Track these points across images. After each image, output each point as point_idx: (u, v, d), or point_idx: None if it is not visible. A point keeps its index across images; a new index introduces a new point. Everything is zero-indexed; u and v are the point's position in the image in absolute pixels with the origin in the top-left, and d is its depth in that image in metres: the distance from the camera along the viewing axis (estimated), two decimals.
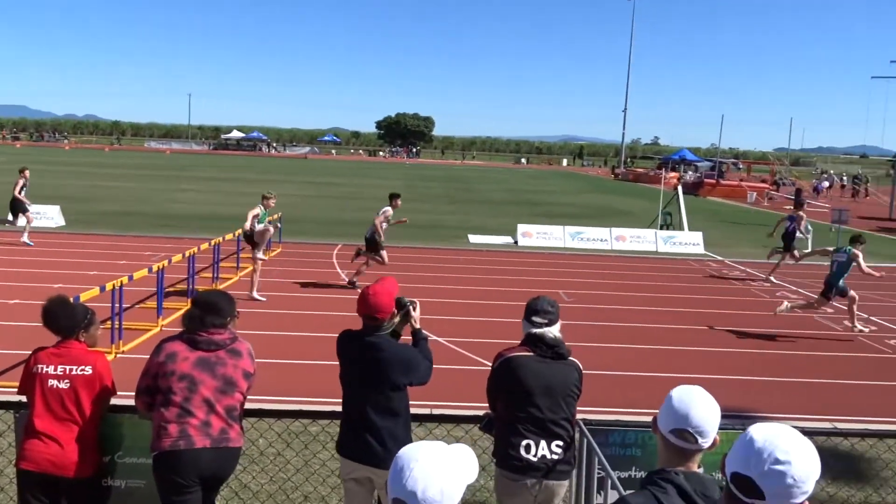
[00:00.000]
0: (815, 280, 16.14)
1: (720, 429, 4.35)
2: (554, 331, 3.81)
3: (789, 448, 1.75)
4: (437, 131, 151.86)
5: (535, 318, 3.80)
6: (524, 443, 3.71)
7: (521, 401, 3.74)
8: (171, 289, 11.58)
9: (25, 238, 16.17)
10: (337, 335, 4.08)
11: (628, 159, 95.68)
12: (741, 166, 66.59)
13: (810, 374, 9.22)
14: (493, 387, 3.90)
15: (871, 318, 12.61)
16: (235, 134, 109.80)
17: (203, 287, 10.86)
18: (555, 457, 3.73)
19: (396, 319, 3.99)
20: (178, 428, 3.61)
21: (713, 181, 49.63)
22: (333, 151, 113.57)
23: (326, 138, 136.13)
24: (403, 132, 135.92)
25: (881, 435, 4.64)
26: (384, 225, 13.33)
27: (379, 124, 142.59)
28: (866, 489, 5.94)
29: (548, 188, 50.03)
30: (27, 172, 16.66)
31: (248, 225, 11.88)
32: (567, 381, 3.79)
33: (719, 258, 19.27)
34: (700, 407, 2.30)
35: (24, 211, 16.36)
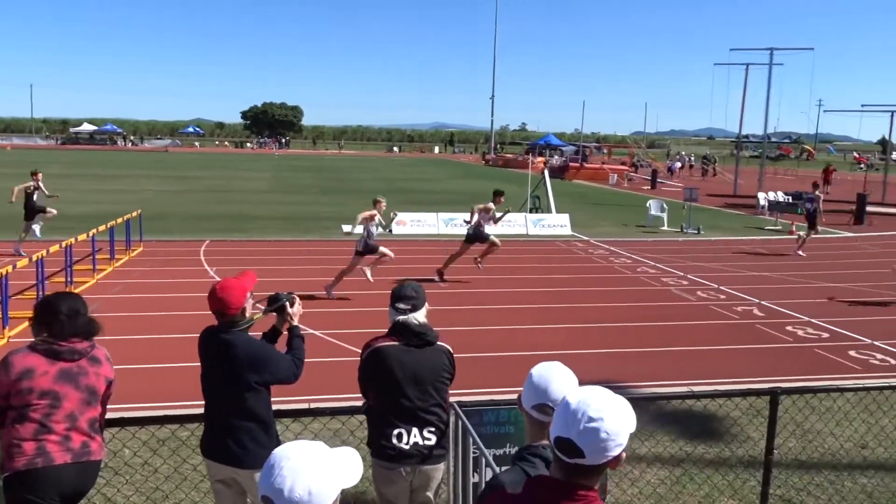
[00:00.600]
0: (671, 255, 17.26)
1: None
2: (419, 317, 3.83)
3: (600, 406, 1.88)
4: (307, 121, 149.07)
5: (399, 305, 3.82)
6: (396, 432, 3.73)
7: (390, 391, 3.76)
8: (18, 297, 10.71)
9: (20, 249, 15.21)
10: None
11: (498, 145, 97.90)
12: (606, 151, 69.93)
13: (668, 342, 9.85)
14: (362, 378, 3.89)
15: (721, 287, 13.62)
16: (86, 127, 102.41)
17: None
18: (428, 443, 3.78)
19: (258, 315, 3.89)
20: (34, 445, 3.35)
21: (577, 165, 51.73)
22: (197, 144, 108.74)
23: (189, 130, 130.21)
24: (271, 122, 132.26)
25: (730, 394, 5.04)
26: (486, 218, 13.94)
27: (245, 115, 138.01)
28: (719, 445, 6.44)
29: (421, 176, 50.36)
30: (40, 175, 16.20)
31: (355, 227, 12.06)
32: (436, 367, 3.83)
33: (585, 238, 20.16)
34: (558, 381, 2.39)
35: (41, 212, 15.92)
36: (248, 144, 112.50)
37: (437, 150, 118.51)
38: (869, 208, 26.72)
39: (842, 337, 10.34)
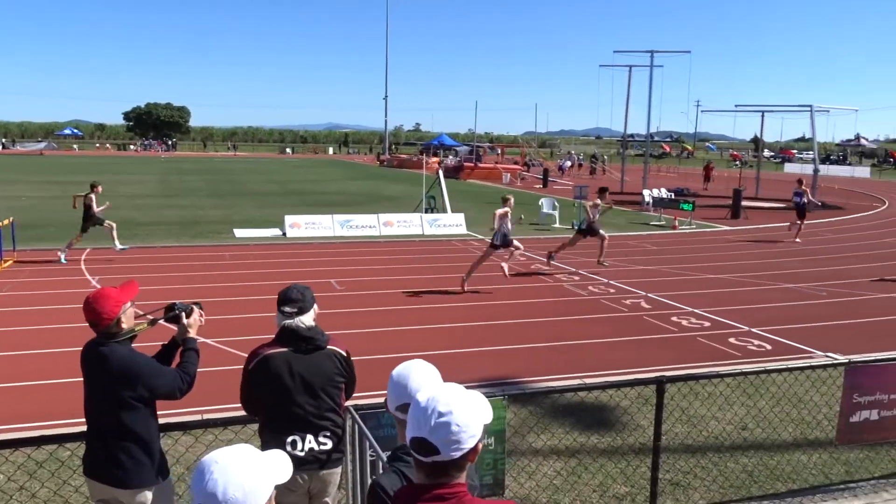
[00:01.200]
0: (564, 251, 17.78)
1: (488, 398, 4.63)
2: (307, 320, 3.75)
3: (449, 401, 1.93)
4: (195, 122, 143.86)
5: (285, 308, 3.72)
6: (289, 439, 3.65)
7: (281, 399, 3.67)
8: None
9: (118, 245, 16.15)
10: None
11: (392, 146, 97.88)
12: (499, 151, 71.27)
13: (562, 337, 10.14)
14: (249, 387, 3.76)
15: (611, 281, 14.16)
16: None
17: None
18: (324, 448, 3.72)
19: (142, 327, 3.71)
20: None
21: (472, 164, 52.43)
22: (75, 146, 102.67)
23: (66, 132, 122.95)
24: (156, 123, 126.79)
25: (619, 385, 5.24)
26: (595, 213, 15.46)
27: (127, 115, 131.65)
28: (611, 434, 6.69)
29: (315, 177, 49.60)
30: (100, 188, 16.38)
31: (497, 224, 12.91)
32: (327, 371, 3.77)
33: (480, 237, 20.45)
34: (416, 378, 2.41)
35: (99, 223, 15.91)
36: (132, 147, 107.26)
37: (331, 150, 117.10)
38: (744, 203, 28.48)
39: (722, 325, 10.97)
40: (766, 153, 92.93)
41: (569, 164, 60.11)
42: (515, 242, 13.24)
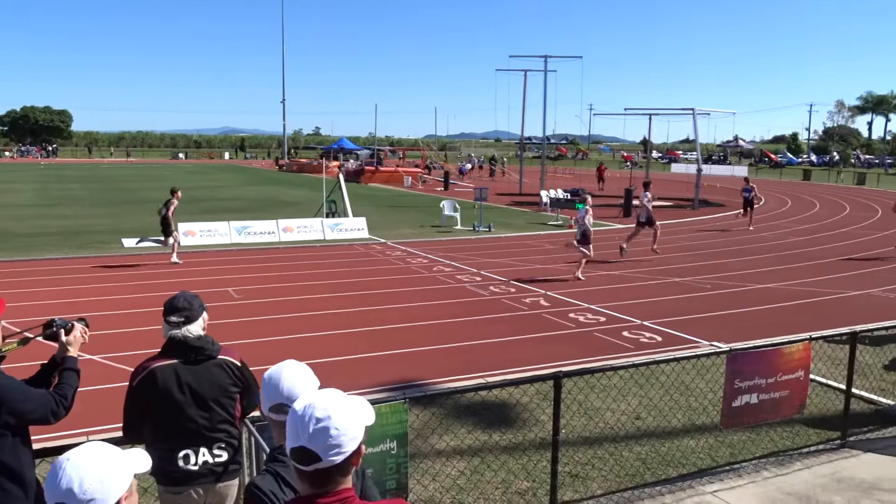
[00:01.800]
0: (465, 253, 17.95)
1: (386, 402, 4.60)
2: (195, 329, 3.62)
3: (326, 406, 1.92)
4: (77, 126, 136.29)
5: (172, 318, 3.58)
6: (182, 454, 3.52)
7: (171, 413, 3.52)
8: None
9: (175, 258, 16.39)
10: None
11: (291, 150, 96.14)
12: (400, 154, 71.33)
13: (464, 337, 10.25)
14: (136, 402, 3.58)
15: (511, 281, 14.44)
16: None
17: None
18: (219, 460, 3.61)
19: (9, 347, 3.46)
20: None
21: (373, 168, 52.25)
22: None
23: None
24: (34, 128, 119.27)
25: (518, 382, 5.35)
26: (650, 205, 18.10)
27: (1, 120, 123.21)
28: (513, 431, 6.82)
29: (210, 183, 48.02)
30: (179, 194, 16.95)
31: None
32: (219, 382, 3.66)
33: (382, 240, 20.40)
34: (287, 378, 2.41)
35: (172, 233, 16.45)
36: (7, 153, 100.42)
37: (227, 156, 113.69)
38: (635, 202, 29.69)
39: (616, 320, 11.40)
40: (655, 154, 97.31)
41: (469, 166, 60.89)
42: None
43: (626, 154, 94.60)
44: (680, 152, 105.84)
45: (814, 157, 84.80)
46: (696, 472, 6.04)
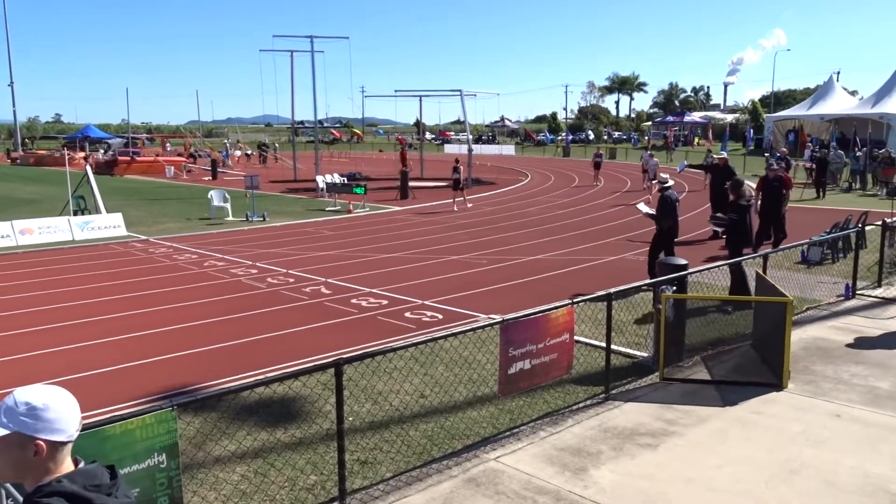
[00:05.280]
0: (239, 245, 17.32)
1: (151, 412, 4.28)
2: None
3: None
4: None
5: None
6: None
7: None
8: None
9: None
10: None
11: (26, 140, 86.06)
12: (161, 142, 66.83)
13: (243, 334, 9.89)
14: None
15: (290, 271, 14.17)
16: None
17: None
18: None
19: None
20: None
21: (128, 158, 48.49)
22: None
23: None
24: None
25: (297, 374, 5.25)
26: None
27: None
28: (297, 426, 6.71)
29: None
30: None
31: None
32: None
33: (144, 237, 19.03)
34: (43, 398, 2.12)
35: None
36: None
37: None
38: (411, 183, 30.53)
39: (398, 302, 11.65)
40: (428, 136, 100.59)
41: (238, 153, 58.71)
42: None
43: (399, 136, 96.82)
44: (452, 133, 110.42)
45: (570, 136, 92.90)
46: (480, 442, 6.37)
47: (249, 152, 59.09)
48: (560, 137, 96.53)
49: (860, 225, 13.67)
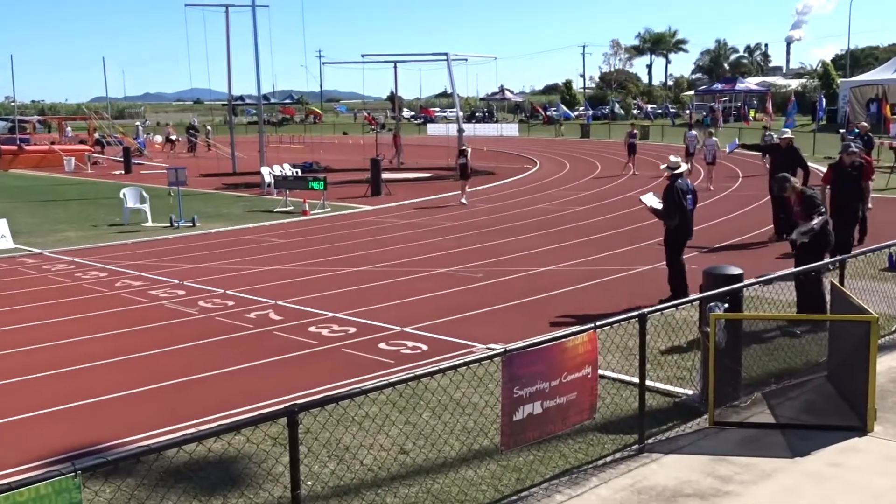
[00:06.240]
0: (161, 258, 17.33)
1: (48, 479, 4.27)
2: None
3: None
4: None
5: None
6: None
7: None
8: None
9: None
10: None
11: None
12: (63, 128, 66.63)
13: (164, 376, 9.84)
14: None
15: (228, 291, 14.15)
16: None
17: None
18: None
19: None
20: None
21: (14, 148, 48.41)
22: None
23: None
24: None
25: (239, 427, 5.25)
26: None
27: None
28: (238, 493, 6.69)
29: None
30: None
31: None
32: None
33: (37, 251, 18.96)
34: None
35: None
36: None
37: None
38: (385, 175, 30.58)
39: (370, 329, 11.65)
40: (406, 113, 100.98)
41: (160, 139, 58.66)
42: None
43: (368, 115, 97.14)
44: (437, 109, 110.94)
45: (590, 111, 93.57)
46: None
47: (174, 137, 59.00)
48: (577, 113, 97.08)
49: None
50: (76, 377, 9.94)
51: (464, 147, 27.42)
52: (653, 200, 13.22)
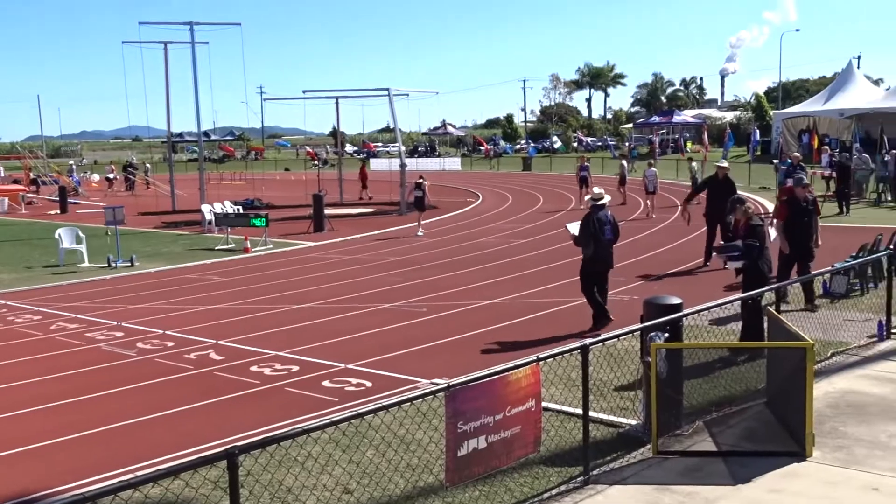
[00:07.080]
0: (98, 300, 17.04)
1: None
2: None
3: None
4: None
5: None
6: None
7: None
8: None
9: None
10: None
11: None
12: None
13: (97, 422, 9.64)
14: None
15: (167, 332, 13.93)
16: None
17: None
18: None
19: None
20: None
21: None
22: None
23: None
24: None
25: (175, 472, 5.15)
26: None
27: None
28: None
29: None
30: None
31: None
32: None
33: None
34: None
35: None
36: None
37: None
38: (328, 211, 30.48)
39: (314, 367, 11.56)
40: (349, 148, 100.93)
41: (97, 177, 57.82)
42: None
43: (310, 150, 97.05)
44: (379, 144, 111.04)
45: (532, 144, 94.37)
46: None
47: (112, 175, 58.18)
48: (519, 146, 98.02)
49: (893, 246, 14.19)
50: (5, 424, 9.70)
51: (420, 180, 27.56)
52: (576, 229, 13.47)
